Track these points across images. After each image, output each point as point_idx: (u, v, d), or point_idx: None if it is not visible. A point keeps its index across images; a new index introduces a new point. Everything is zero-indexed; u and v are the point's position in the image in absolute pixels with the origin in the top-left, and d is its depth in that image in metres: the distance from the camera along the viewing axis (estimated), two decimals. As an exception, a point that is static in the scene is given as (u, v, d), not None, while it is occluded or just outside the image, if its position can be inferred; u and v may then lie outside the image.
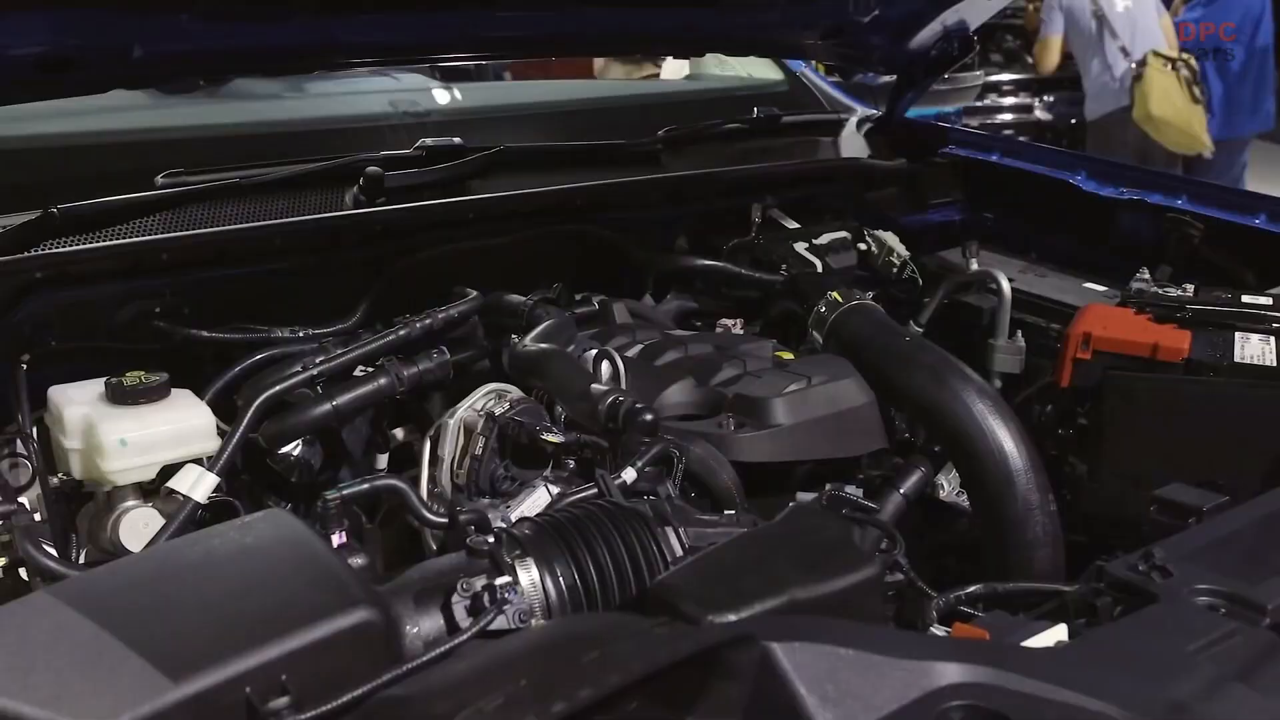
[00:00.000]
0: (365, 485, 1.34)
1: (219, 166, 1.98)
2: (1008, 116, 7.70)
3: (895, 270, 2.48)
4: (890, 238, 2.52)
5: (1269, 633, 1.10)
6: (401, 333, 1.76)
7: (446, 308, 1.83)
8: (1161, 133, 6.29)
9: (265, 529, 1.16)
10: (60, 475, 1.59)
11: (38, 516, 1.54)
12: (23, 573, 1.48)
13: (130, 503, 1.57)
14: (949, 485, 1.89)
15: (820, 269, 2.34)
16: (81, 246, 1.72)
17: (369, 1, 1.78)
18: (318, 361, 1.69)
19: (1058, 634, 1.11)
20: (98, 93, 1.73)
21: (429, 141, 2.15)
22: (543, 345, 1.66)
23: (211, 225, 1.88)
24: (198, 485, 1.52)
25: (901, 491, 1.75)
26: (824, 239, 2.44)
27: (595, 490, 1.37)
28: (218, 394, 1.76)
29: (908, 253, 2.49)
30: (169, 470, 1.57)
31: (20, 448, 1.63)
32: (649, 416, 1.46)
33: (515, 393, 1.59)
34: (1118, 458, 1.85)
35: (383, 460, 1.91)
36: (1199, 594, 1.16)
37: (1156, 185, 2.44)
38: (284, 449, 1.70)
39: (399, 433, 1.92)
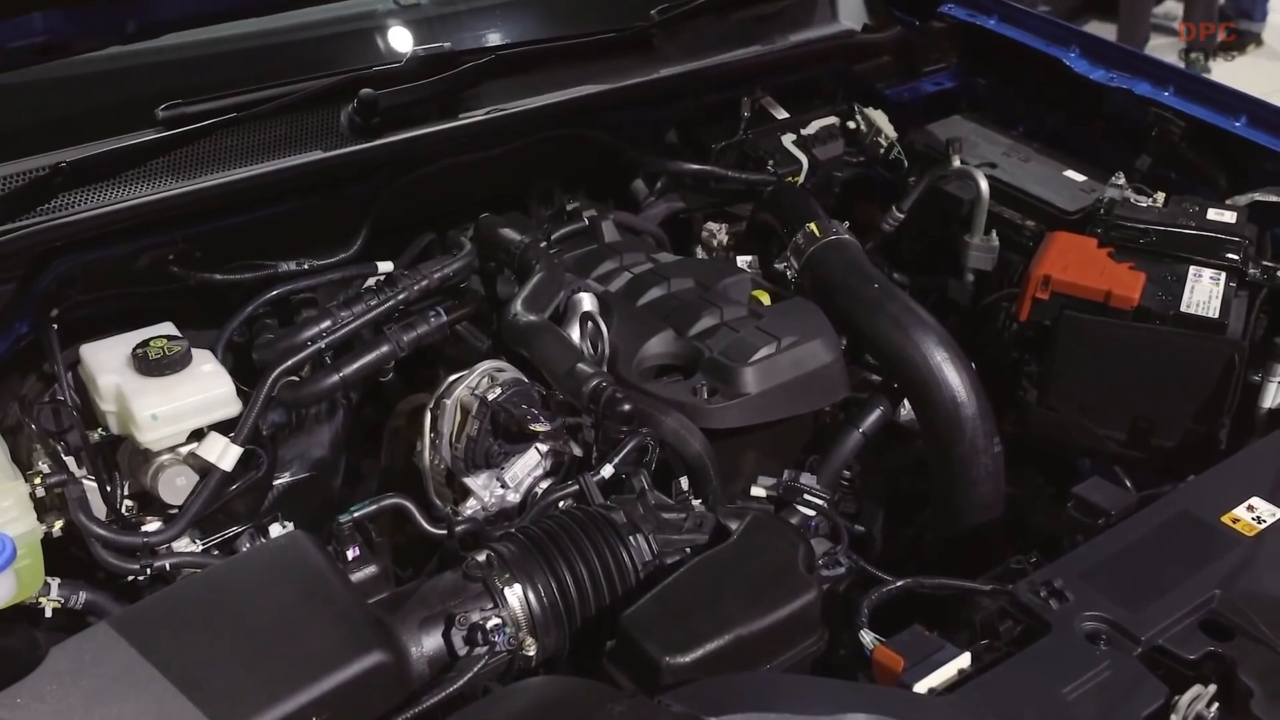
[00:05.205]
0: (374, 506, 1.52)
1: (216, 94, 2.02)
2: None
3: (883, 151, 2.54)
4: (879, 117, 2.56)
5: (1137, 664, 1.31)
6: (401, 295, 1.89)
7: (441, 265, 1.95)
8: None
9: (289, 561, 1.36)
10: (100, 431, 1.77)
11: (81, 470, 1.73)
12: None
13: (165, 458, 1.76)
14: (906, 408, 2.04)
15: (806, 165, 2.41)
16: (96, 212, 1.82)
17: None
18: (324, 328, 1.83)
19: (961, 663, 1.32)
20: (91, 52, 1.78)
21: (420, 52, 2.17)
22: (531, 318, 1.79)
23: (214, 160, 1.97)
24: (224, 456, 1.70)
25: (861, 430, 1.92)
26: (812, 128, 2.49)
27: (577, 489, 1.56)
28: (235, 331, 1.92)
29: (895, 134, 2.54)
30: (198, 431, 1.75)
31: (63, 395, 1.80)
32: (628, 407, 1.61)
33: (508, 373, 1.74)
34: (1066, 389, 2.00)
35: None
36: (1086, 620, 1.36)
37: (1145, 72, 2.45)
38: None
39: None
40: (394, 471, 2.01)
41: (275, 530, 1.83)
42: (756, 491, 1.71)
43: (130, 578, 1.65)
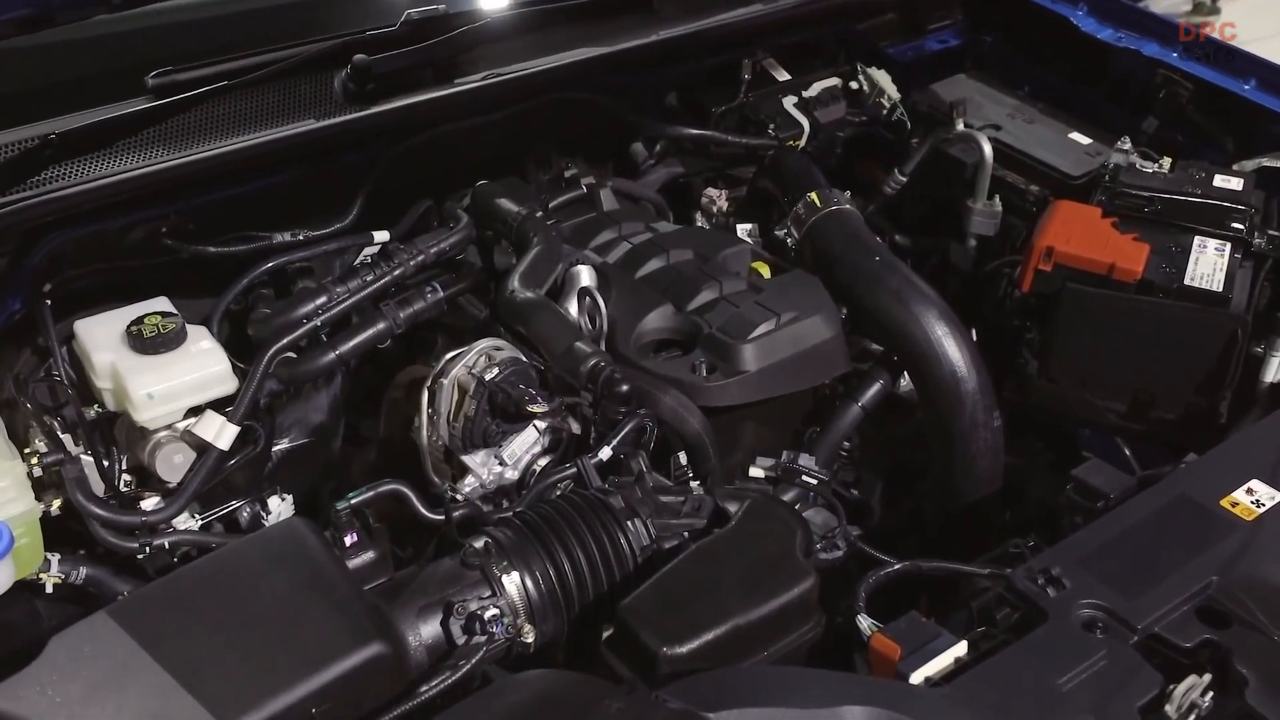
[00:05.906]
0: (370, 493, 1.52)
1: (207, 61, 1.98)
2: None
3: (885, 112, 2.51)
4: (883, 77, 2.52)
5: (1133, 653, 1.31)
6: (396, 272, 1.87)
7: (438, 240, 1.93)
8: None
9: (287, 550, 1.36)
10: (96, 408, 1.76)
11: (79, 447, 1.73)
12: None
13: (162, 435, 1.75)
14: (906, 379, 2.03)
15: (807, 128, 2.37)
16: (87, 186, 1.78)
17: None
18: (320, 304, 1.81)
19: (957, 651, 1.32)
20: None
21: (414, 15, 2.12)
22: (528, 295, 1.77)
23: (206, 130, 1.93)
24: (221, 435, 1.70)
25: (860, 405, 1.91)
26: (814, 90, 2.45)
27: (575, 471, 1.56)
28: (232, 302, 1.90)
29: (899, 95, 2.50)
30: (195, 408, 1.74)
31: (58, 371, 1.78)
32: (626, 387, 1.60)
33: (506, 351, 1.72)
34: (1067, 361, 1.99)
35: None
36: (1083, 608, 1.36)
37: (1154, 32, 2.41)
38: None
39: None
40: (392, 442, 2.00)
41: (274, 503, 1.84)
42: (755, 472, 1.70)
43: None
